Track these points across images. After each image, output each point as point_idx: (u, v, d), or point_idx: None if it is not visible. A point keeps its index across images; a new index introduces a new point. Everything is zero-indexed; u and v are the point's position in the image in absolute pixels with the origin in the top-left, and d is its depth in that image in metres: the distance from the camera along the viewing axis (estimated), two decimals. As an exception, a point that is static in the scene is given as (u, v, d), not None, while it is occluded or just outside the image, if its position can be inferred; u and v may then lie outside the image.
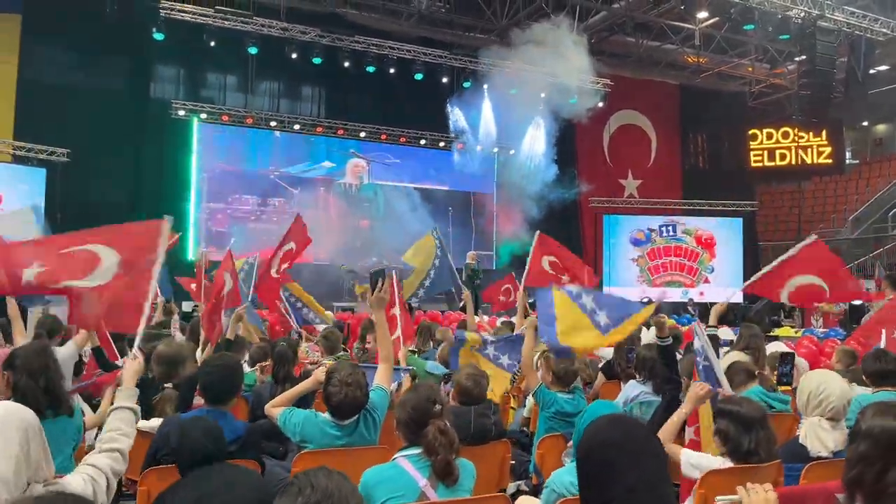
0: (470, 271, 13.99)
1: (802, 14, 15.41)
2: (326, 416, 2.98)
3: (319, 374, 3.09)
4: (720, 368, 3.54)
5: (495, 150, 20.25)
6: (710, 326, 4.34)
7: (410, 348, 5.89)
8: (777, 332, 9.95)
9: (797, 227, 22.78)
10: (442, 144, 19.43)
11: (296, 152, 18.08)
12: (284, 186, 17.80)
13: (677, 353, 4.91)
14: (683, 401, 3.76)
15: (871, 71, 21.47)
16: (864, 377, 4.09)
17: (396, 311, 5.27)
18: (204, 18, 14.98)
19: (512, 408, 5.42)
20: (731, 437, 2.77)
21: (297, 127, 17.84)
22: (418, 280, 7.06)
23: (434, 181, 19.49)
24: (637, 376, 4.86)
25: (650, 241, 20.40)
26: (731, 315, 16.61)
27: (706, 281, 20.34)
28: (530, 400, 4.97)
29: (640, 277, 20.09)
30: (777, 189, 25.15)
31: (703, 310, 17.94)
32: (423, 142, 19.28)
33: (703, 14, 19.47)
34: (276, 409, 3.12)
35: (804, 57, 16.05)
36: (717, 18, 18.95)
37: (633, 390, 4.75)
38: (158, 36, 14.65)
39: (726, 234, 20.60)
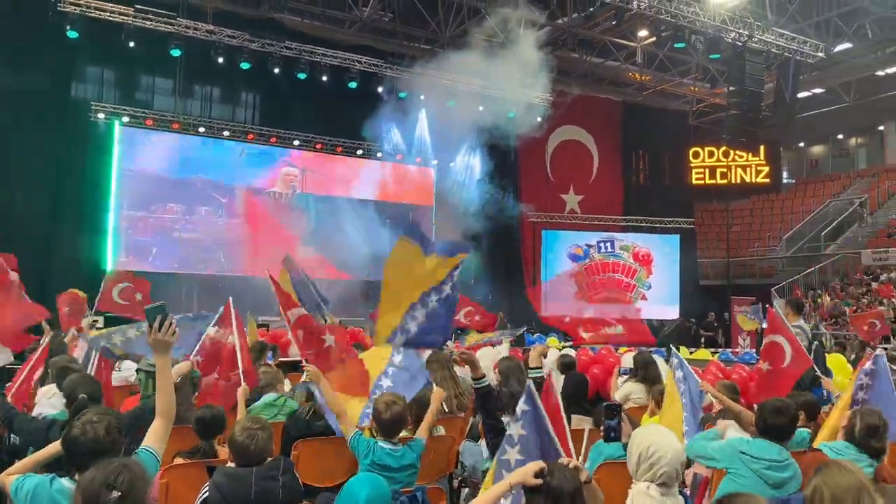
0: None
1: (733, 35, 15.50)
2: (65, 482, 2.45)
3: None
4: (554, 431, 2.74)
5: (434, 162, 19.96)
6: (531, 368, 3.99)
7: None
8: (690, 355, 9.76)
9: (735, 244, 23.03)
10: (379, 155, 19.02)
11: (225, 160, 17.43)
12: (212, 195, 17.14)
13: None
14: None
15: (807, 94, 21.94)
16: (756, 427, 3.64)
17: (234, 339, 4.73)
18: (123, 17, 14.32)
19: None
20: None
21: (226, 133, 17.23)
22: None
23: (371, 193, 19.04)
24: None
25: (588, 256, 20.31)
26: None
27: (644, 298, 20.33)
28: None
29: (577, 293, 19.94)
30: (716, 207, 25.43)
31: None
32: (359, 152, 18.85)
33: (643, 32, 19.59)
34: (9, 477, 2.56)
35: (734, 77, 16.15)
36: (656, 38, 19.05)
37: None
38: (72, 34, 13.94)
39: (664, 251, 20.66)
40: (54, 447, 2.75)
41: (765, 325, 13.51)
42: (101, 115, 15.68)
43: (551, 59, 18.86)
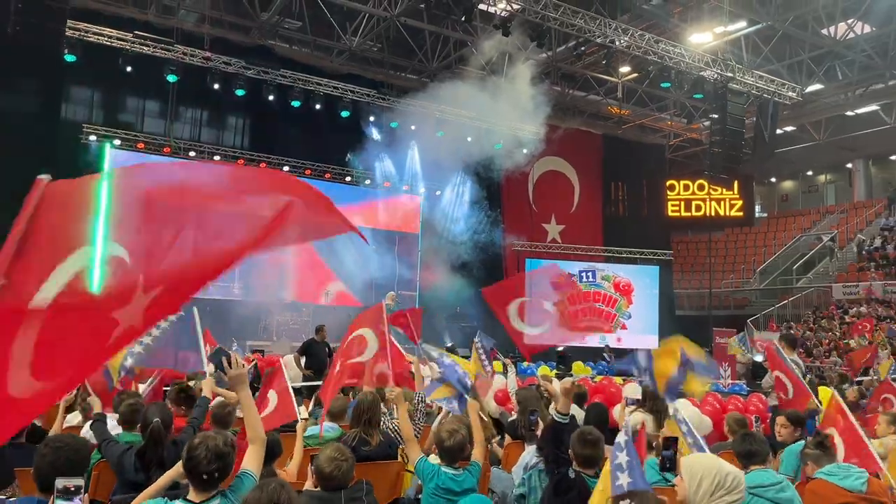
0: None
1: (715, 76, 16.17)
2: (178, 503, 2.59)
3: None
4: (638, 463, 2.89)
5: (422, 190, 20.23)
6: (561, 413, 4.10)
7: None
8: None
9: (709, 276, 23.60)
10: (368, 182, 19.24)
11: (215, 184, 17.46)
12: (200, 219, 17.13)
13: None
14: (571, 475, 3.55)
15: (779, 131, 22.80)
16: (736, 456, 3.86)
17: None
18: (121, 43, 14.43)
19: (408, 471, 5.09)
20: None
21: (217, 158, 17.29)
22: None
23: (358, 219, 19.20)
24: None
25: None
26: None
27: (623, 327, 20.69)
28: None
29: (559, 322, 20.17)
30: (691, 239, 26.10)
31: (620, 355, 18.16)
32: (348, 178, 19.03)
33: (625, 69, 20.27)
34: None
35: (715, 116, 16.83)
36: (637, 74, 19.74)
37: (532, 458, 4.60)
38: (69, 58, 13.99)
39: (643, 282, 21.08)
40: (175, 471, 2.89)
41: (756, 358, 13.93)
42: (92, 138, 15.67)
43: (539, 93, 19.44)
